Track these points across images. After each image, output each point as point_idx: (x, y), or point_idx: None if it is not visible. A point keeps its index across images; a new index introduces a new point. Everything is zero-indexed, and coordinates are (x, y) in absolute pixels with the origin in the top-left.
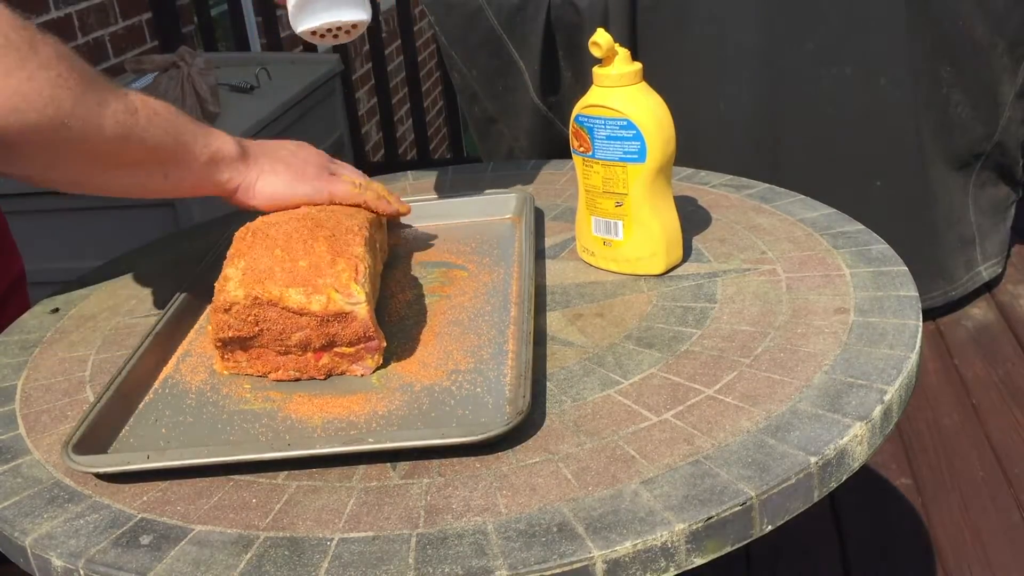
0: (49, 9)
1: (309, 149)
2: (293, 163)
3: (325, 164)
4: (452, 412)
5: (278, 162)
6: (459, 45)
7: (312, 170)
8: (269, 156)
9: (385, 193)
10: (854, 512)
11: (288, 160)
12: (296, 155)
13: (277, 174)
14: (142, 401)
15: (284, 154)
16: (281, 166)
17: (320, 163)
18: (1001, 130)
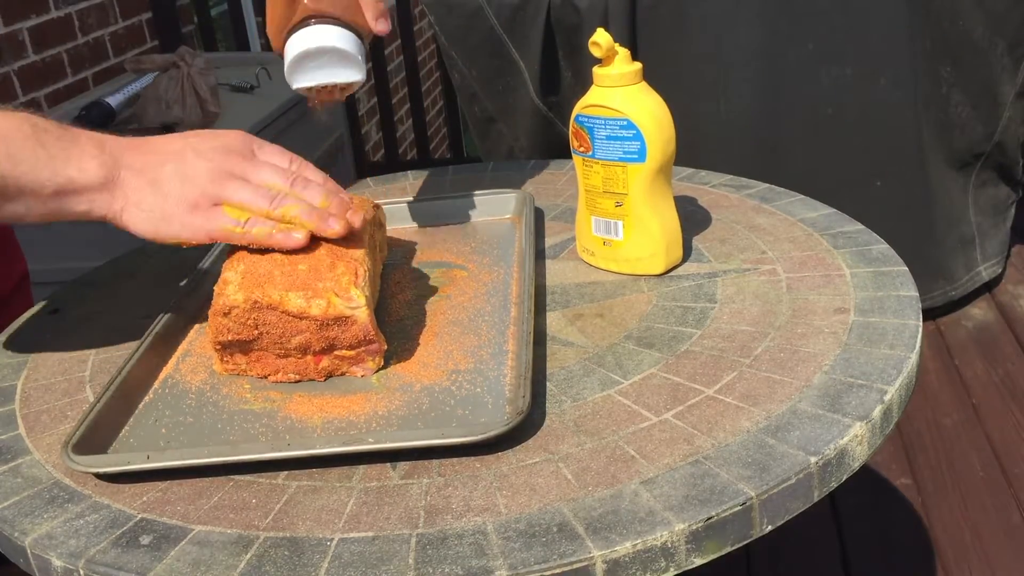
0: (49, 9)
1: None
2: (169, 189)
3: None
4: (452, 412)
5: (148, 187)
6: (459, 45)
7: (191, 198)
8: (143, 177)
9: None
10: (854, 512)
11: (164, 183)
12: (181, 171)
13: (142, 208)
14: (142, 401)
15: (165, 172)
16: (149, 193)
17: (207, 184)
18: (1001, 130)
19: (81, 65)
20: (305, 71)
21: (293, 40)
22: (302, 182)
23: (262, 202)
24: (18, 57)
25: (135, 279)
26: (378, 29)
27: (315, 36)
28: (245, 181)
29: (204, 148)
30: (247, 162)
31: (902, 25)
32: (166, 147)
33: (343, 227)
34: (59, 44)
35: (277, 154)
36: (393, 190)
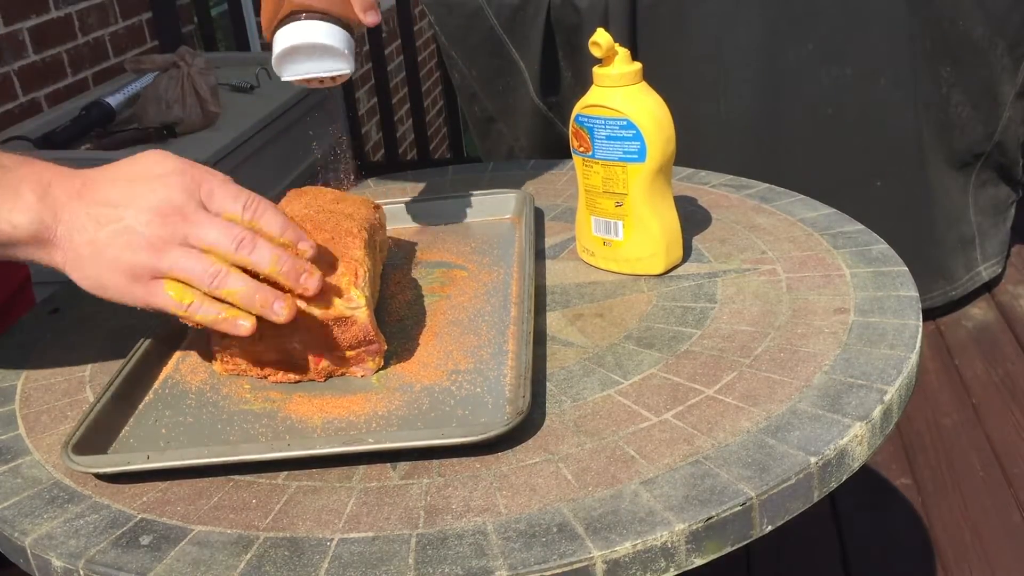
0: (49, 9)
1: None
2: (107, 255)
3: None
4: (452, 412)
5: (86, 249)
6: (459, 45)
7: (130, 268)
8: (82, 236)
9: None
10: (854, 512)
11: (103, 249)
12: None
13: (81, 271)
14: (142, 401)
15: (103, 236)
16: (88, 258)
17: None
18: (1001, 130)
19: (81, 65)
20: (293, 64)
21: (280, 35)
22: (250, 243)
23: (203, 279)
24: (18, 57)
25: None
26: (367, 21)
27: (301, 32)
28: (187, 247)
29: (147, 205)
30: (191, 222)
31: (902, 25)
32: (110, 196)
33: (287, 310)
34: (59, 44)
35: (229, 200)
36: (393, 190)
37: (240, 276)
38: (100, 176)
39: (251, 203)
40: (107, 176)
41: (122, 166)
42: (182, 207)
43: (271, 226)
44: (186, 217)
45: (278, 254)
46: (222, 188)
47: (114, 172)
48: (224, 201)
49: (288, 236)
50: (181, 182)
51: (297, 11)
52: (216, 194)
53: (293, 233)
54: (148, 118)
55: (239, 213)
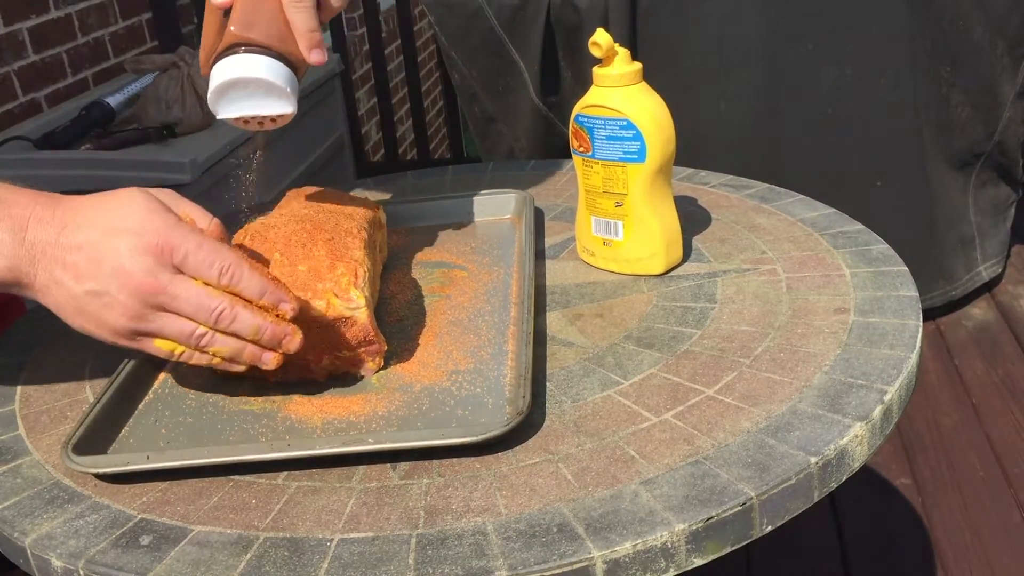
0: (49, 9)
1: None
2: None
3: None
4: (452, 412)
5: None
6: (459, 45)
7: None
8: (62, 289)
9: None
10: (854, 512)
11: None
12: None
13: (67, 317)
14: (142, 401)
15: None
16: (70, 309)
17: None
18: (1001, 130)
19: (81, 65)
20: (230, 101)
21: (216, 69)
22: (228, 316)
23: (189, 341)
24: (18, 57)
25: None
26: (312, 60)
27: (239, 66)
28: (167, 313)
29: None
30: (167, 294)
31: (902, 25)
32: (86, 247)
33: (275, 361)
34: (59, 44)
35: (204, 267)
36: (393, 190)
37: (225, 337)
38: (77, 219)
39: (227, 269)
40: (84, 220)
41: (98, 211)
42: (156, 276)
43: (250, 291)
44: (162, 288)
45: (258, 324)
46: (196, 254)
47: (90, 217)
48: (199, 267)
49: (268, 300)
50: (151, 246)
51: (236, 44)
52: (190, 260)
53: (272, 296)
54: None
55: (215, 281)
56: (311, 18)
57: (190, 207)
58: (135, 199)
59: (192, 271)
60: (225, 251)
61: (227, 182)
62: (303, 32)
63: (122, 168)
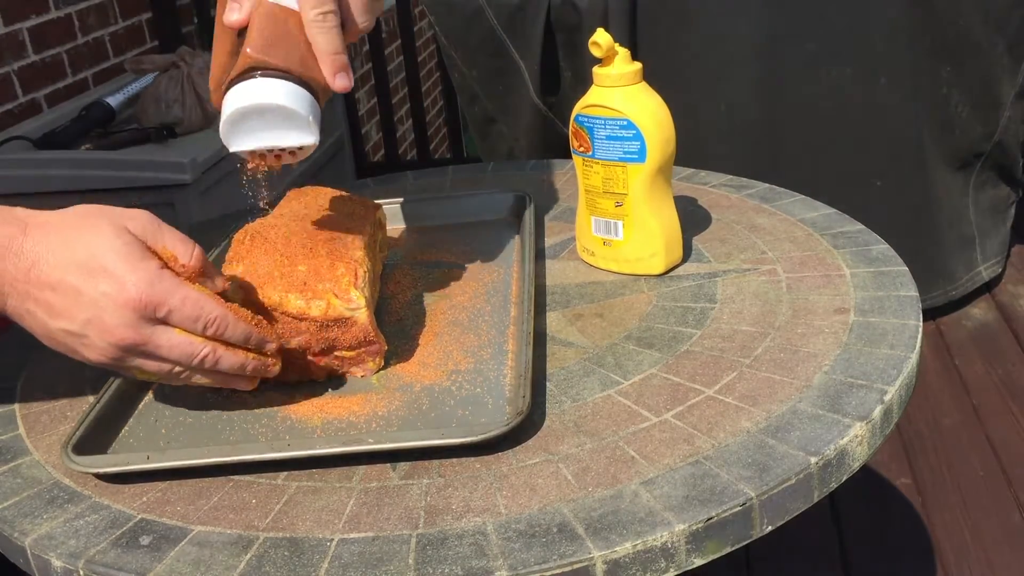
0: (49, 9)
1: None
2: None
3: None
4: (452, 412)
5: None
6: (459, 45)
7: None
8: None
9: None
10: (854, 512)
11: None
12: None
13: (36, 334)
14: (142, 401)
15: (56, 330)
16: (45, 339)
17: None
18: (1001, 130)
19: (81, 65)
20: (245, 132)
21: (231, 95)
22: (212, 360)
23: (170, 378)
24: (18, 57)
25: None
26: (336, 86)
27: (256, 92)
28: (148, 356)
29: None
30: (151, 345)
31: (902, 25)
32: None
33: (252, 386)
34: (59, 44)
35: (188, 322)
36: (393, 190)
37: (206, 372)
38: (47, 256)
39: (212, 323)
40: (55, 258)
41: (68, 247)
42: (138, 330)
43: (235, 339)
44: (145, 340)
45: (240, 362)
46: (180, 311)
47: (61, 254)
48: (183, 323)
49: (252, 345)
50: (136, 304)
51: (253, 68)
52: (175, 316)
53: (256, 341)
54: (148, 118)
55: (200, 329)
56: (336, 39)
57: (170, 238)
58: (103, 233)
59: (176, 324)
60: (208, 304)
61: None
62: (327, 55)
63: (122, 168)
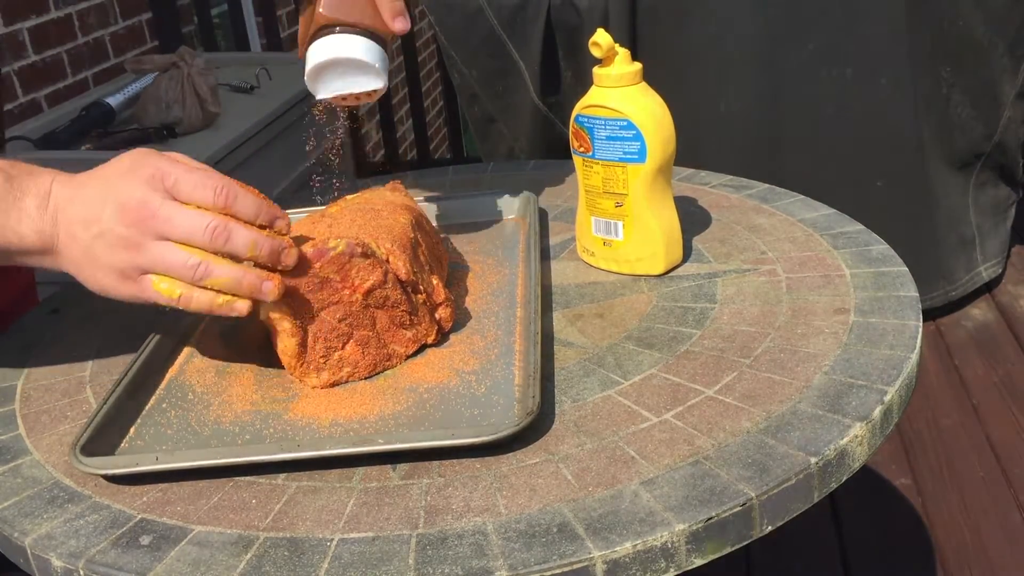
0: (49, 9)
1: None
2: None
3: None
4: (460, 413)
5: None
6: (459, 45)
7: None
8: (78, 244)
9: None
10: (854, 512)
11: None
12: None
13: (84, 278)
14: (148, 403)
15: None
16: (86, 265)
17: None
18: (1001, 130)
19: (81, 65)
20: (325, 82)
21: (310, 52)
22: (223, 233)
23: (185, 273)
24: (18, 57)
25: None
26: (396, 28)
27: (330, 47)
28: (164, 241)
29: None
30: (160, 218)
31: (902, 25)
32: (93, 198)
33: (276, 289)
34: (59, 44)
35: (198, 189)
36: None
37: (222, 264)
38: (88, 178)
39: (221, 190)
40: (93, 176)
41: (106, 164)
42: (146, 201)
43: (246, 210)
44: (154, 213)
45: (254, 239)
46: (187, 177)
47: (99, 171)
48: (192, 190)
49: (264, 218)
50: (143, 175)
51: (327, 26)
52: (182, 183)
53: (268, 214)
54: (148, 118)
55: (210, 201)
56: None
57: None
58: (136, 150)
59: (186, 196)
60: (216, 174)
61: None
62: (385, 3)
63: None
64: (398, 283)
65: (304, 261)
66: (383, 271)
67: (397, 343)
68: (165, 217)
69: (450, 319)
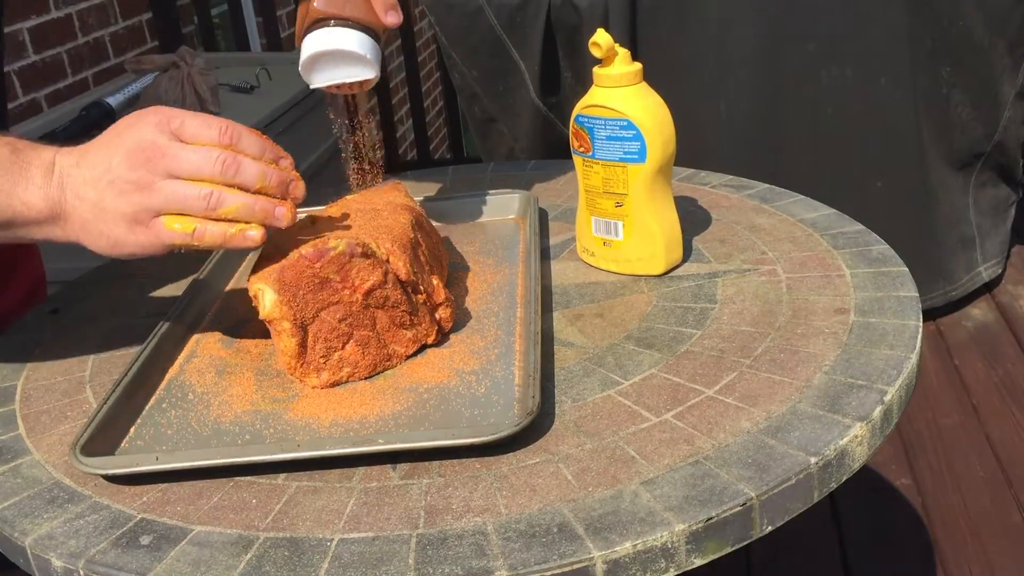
0: (49, 9)
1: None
2: (109, 209)
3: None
4: (460, 413)
5: (92, 212)
6: (459, 45)
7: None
8: (86, 202)
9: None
10: (854, 512)
11: (105, 205)
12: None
13: (92, 234)
14: (148, 403)
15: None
16: (94, 219)
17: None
18: (1001, 130)
19: (81, 65)
20: (318, 72)
21: (306, 42)
22: (233, 164)
23: (198, 204)
24: (18, 57)
25: (135, 279)
26: (388, 22)
27: (323, 39)
28: (174, 179)
29: (124, 150)
30: (168, 156)
31: (902, 25)
32: (99, 156)
33: (289, 213)
34: (59, 44)
35: (203, 128)
36: None
37: (234, 192)
38: (91, 145)
39: (226, 128)
40: (96, 141)
41: (108, 129)
42: (154, 142)
43: (251, 148)
44: (163, 152)
45: (263, 169)
46: (193, 118)
47: (102, 136)
48: (198, 130)
49: (268, 156)
50: (149, 121)
51: (321, 19)
52: (187, 124)
53: (272, 152)
54: None
55: (216, 139)
56: None
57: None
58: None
59: (191, 136)
60: (220, 118)
61: None
62: None
63: None
64: (398, 283)
65: (304, 261)
66: (383, 271)
67: (397, 343)
68: (173, 155)
69: (450, 319)
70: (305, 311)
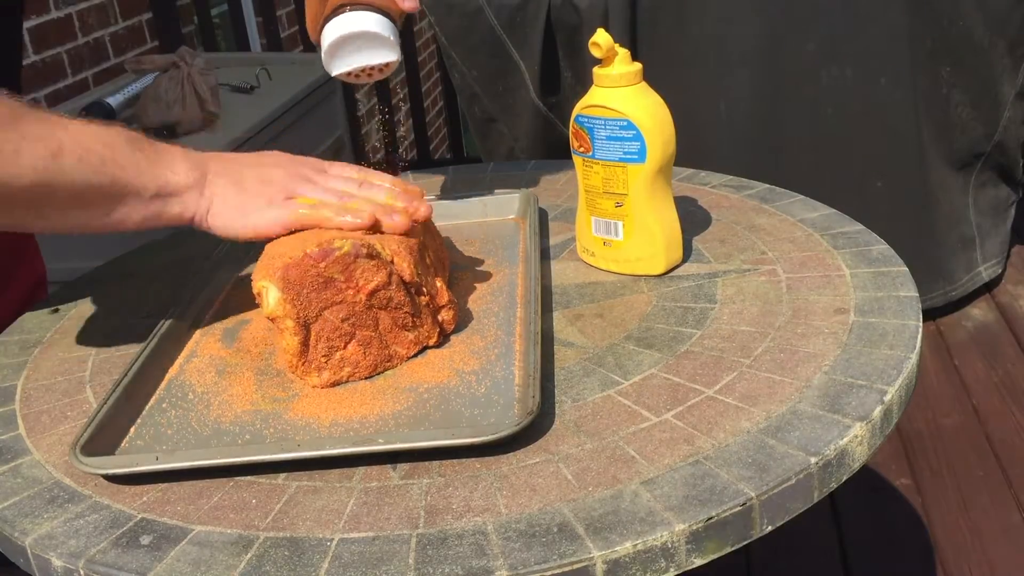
0: (49, 9)
1: (282, 161)
2: (249, 188)
3: (288, 184)
4: (460, 412)
5: (232, 186)
6: (459, 45)
7: (269, 194)
8: (227, 178)
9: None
10: (854, 512)
11: (246, 184)
12: (260, 175)
13: (226, 203)
14: (148, 403)
15: (246, 175)
16: (233, 192)
17: (283, 184)
18: (1001, 130)
19: (81, 65)
20: (342, 57)
21: (327, 29)
22: (368, 188)
23: (331, 198)
24: None
25: (135, 279)
26: (405, 6)
27: (347, 23)
28: (316, 184)
29: (279, 160)
30: (318, 172)
31: (902, 25)
32: (244, 157)
33: (406, 220)
34: (59, 44)
35: (347, 168)
36: None
37: (363, 198)
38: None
39: (364, 169)
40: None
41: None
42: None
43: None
44: (315, 169)
45: (393, 191)
46: (334, 166)
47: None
48: (344, 169)
49: (397, 188)
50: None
51: (341, 5)
52: (335, 166)
53: (402, 184)
54: (148, 118)
55: (355, 175)
56: None
57: None
58: None
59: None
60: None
61: None
62: None
63: None
64: (402, 285)
65: (309, 260)
66: (387, 272)
67: (399, 344)
68: (323, 173)
69: (453, 321)
70: (308, 310)
